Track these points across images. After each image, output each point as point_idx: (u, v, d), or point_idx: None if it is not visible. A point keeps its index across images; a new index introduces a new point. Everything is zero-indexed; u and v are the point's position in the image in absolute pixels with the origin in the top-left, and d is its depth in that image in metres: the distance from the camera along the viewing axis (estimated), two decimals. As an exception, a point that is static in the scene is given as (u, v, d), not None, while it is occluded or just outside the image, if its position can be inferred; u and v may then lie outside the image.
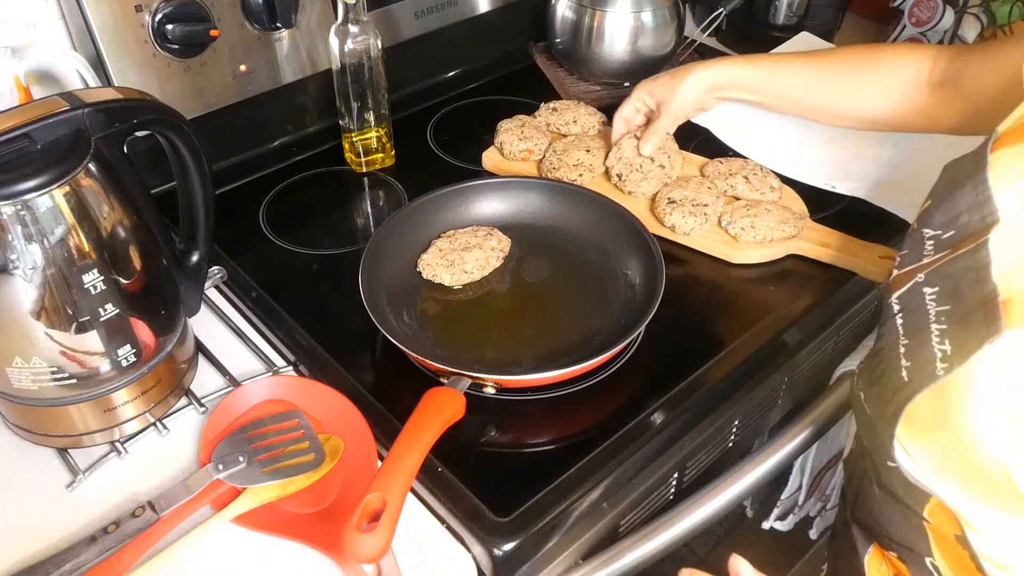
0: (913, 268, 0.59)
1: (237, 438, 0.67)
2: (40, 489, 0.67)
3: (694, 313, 0.83)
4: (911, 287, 0.58)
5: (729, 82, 0.88)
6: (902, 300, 0.59)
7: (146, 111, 0.63)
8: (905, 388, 0.55)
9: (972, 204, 0.56)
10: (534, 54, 1.25)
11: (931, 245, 0.58)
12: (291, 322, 0.79)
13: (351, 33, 0.91)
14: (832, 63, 0.85)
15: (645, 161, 0.93)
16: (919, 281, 0.57)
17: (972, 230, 0.55)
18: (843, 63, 0.84)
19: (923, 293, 0.56)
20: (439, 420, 0.63)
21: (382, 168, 1.02)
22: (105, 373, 0.65)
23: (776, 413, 0.86)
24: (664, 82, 0.91)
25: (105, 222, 0.61)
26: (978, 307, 0.50)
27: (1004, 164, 0.56)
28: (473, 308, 0.82)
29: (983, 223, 0.54)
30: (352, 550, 0.54)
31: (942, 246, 0.57)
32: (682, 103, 0.90)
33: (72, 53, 0.84)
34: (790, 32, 1.25)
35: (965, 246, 0.54)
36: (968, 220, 0.56)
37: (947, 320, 0.53)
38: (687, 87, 0.89)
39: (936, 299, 0.55)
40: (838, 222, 0.89)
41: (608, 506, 0.68)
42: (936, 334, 0.53)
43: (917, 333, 0.55)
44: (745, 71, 0.87)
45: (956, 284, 0.53)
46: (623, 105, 0.95)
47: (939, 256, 0.56)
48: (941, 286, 0.55)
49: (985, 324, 0.49)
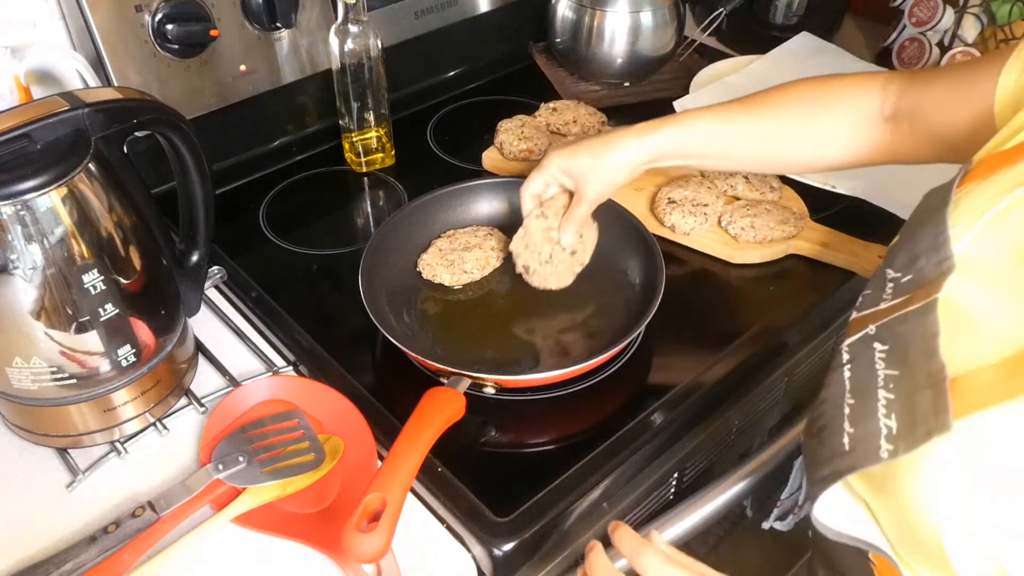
0: (870, 313, 0.55)
1: (237, 438, 0.67)
2: (40, 489, 0.67)
3: (694, 313, 0.83)
4: (862, 338, 0.54)
5: (663, 154, 0.75)
6: (852, 350, 0.55)
7: (146, 111, 0.63)
8: (844, 457, 0.51)
9: (930, 246, 0.51)
10: (534, 54, 1.25)
11: (891, 288, 0.54)
12: (291, 322, 0.79)
13: (351, 33, 0.91)
14: (776, 112, 0.74)
15: (555, 248, 0.79)
16: (870, 334, 0.53)
17: (928, 277, 0.51)
18: (787, 110, 0.74)
19: (873, 349, 0.52)
20: (439, 420, 0.63)
21: (382, 168, 1.02)
22: (105, 373, 0.65)
23: (776, 413, 0.86)
24: (585, 161, 0.75)
25: (105, 222, 0.61)
26: (926, 384, 0.47)
27: (969, 203, 0.52)
28: (473, 308, 0.82)
29: (938, 269, 0.50)
30: (352, 550, 0.54)
31: (900, 291, 0.53)
32: (605, 186, 0.76)
33: (72, 53, 0.84)
34: (790, 32, 1.25)
35: (918, 299, 0.50)
36: (925, 264, 0.51)
37: (895, 390, 0.49)
38: (612, 169, 0.75)
39: (885, 359, 0.51)
40: (838, 222, 0.89)
41: (608, 506, 0.68)
42: (883, 403, 0.50)
43: (863, 396, 0.51)
44: (680, 137, 0.74)
45: (905, 350, 0.50)
46: (532, 179, 0.78)
47: (895, 304, 0.53)
48: (891, 346, 0.51)
49: (933, 412, 0.45)
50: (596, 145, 0.75)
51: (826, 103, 0.74)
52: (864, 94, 0.72)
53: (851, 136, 0.73)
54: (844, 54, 1.20)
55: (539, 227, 0.79)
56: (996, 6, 1.12)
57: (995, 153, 0.53)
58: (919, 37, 1.18)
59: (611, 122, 1.08)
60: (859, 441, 0.50)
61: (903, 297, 0.52)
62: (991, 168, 0.52)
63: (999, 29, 1.13)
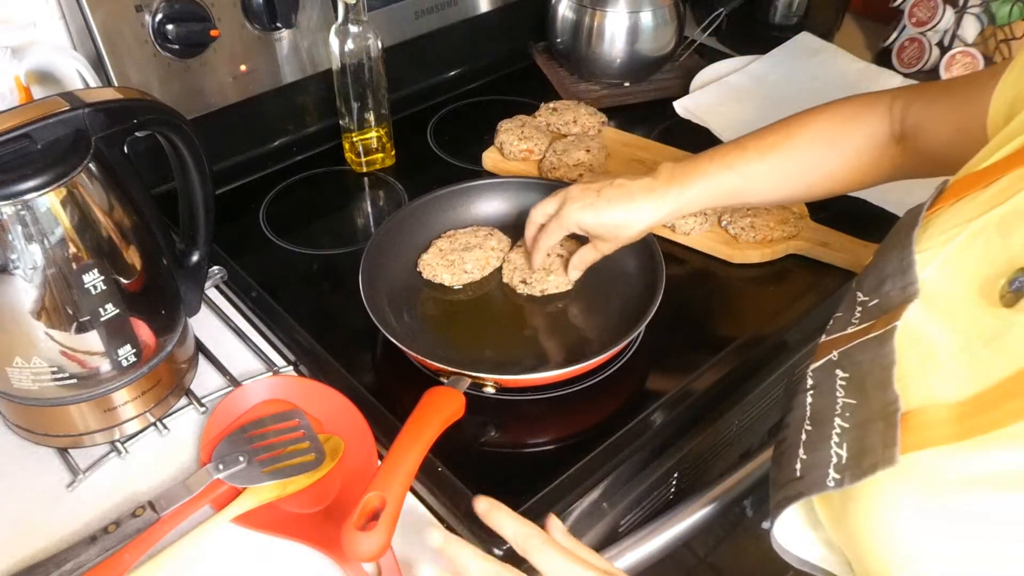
0: (836, 338, 0.54)
1: (237, 438, 0.67)
2: (40, 489, 0.67)
3: (694, 313, 0.83)
4: (826, 363, 0.53)
5: (686, 212, 0.75)
6: (816, 376, 0.54)
7: (146, 111, 0.63)
8: (794, 484, 0.50)
9: (896, 270, 0.50)
10: (534, 54, 1.25)
11: (859, 312, 0.53)
12: (291, 322, 0.79)
13: (351, 33, 0.91)
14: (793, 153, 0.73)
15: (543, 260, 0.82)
16: (833, 360, 0.52)
17: (893, 303, 0.49)
18: (804, 150, 0.73)
19: (835, 376, 0.51)
20: (439, 419, 0.63)
21: (382, 168, 1.02)
22: (105, 373, 0.65)
23: (776, 413, 0.86)
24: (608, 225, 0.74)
25: (105, 222, 0.61)
26: (879, 416, 0.46)
27: (936, 227, 0.50)
28: (473, 308, 0.82)
29: (903, 294, 0.49)
30: (351, 549, 0.54)
31: (867, 315, 0.52)
32: (627, 242, 0.77)
33: (72, 53, 0.84)
34: (790, 32, 1.25)
35: (879, 327, 0.49)
36: (891, 288, 0.50)
37: (850, 419, 0.49)
38: (634, 234, 0.75)
39: (845, 387, 0.50)
40: (838, 222, 0.89)
41: (608, 506, 0.68)
42: (837, 432, 0.49)
43: (821, 423, 0.51)
44: (702, 196, 0.73)
45: (863, 379, 0.49)
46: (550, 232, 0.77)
47: (859, 329, 0.52)
48: (851, 374, 0.50)
49: (882, 445, 0.45)
50: (619, 207, 0.73)
51: (840, 136, 0.73)
52: (875, 120, 0.72)
53: (868, 163, 0.73)
54: (844, 54, 1.20)
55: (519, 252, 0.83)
56: (996, 6, 1.12)
57: (969, 174, 0.52)
58: (919, 37, 1.18)
59: (611, 123, 1.08)
60: (809, 468, 0.50)
61: (868, 323, 0.51)
62: (963, 189, 0.51)
63: (999, 29, 1.13)
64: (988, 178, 0.50)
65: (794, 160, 0.74)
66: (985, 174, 0.50)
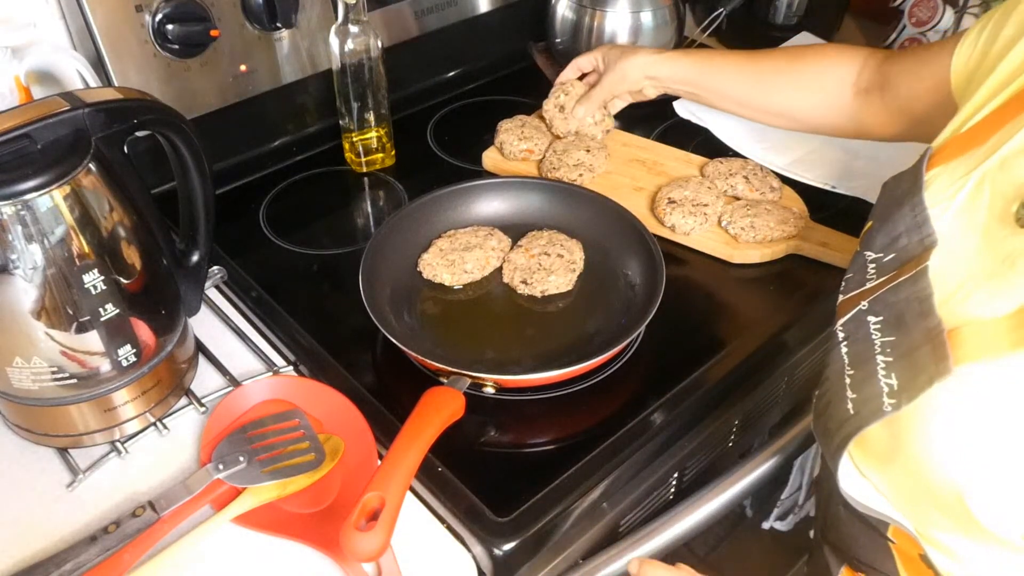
0: (857, 294, 0.57)
1: (237, 438, 0.67)
2: (40, 489, 0.67)
3: (694, 313, 0.83)
4: (855, 315, 0.56)
5: (669, 75, 0.92)
6: (847, 328, 0.57)
7: (146, 111, 0.63)
8: (851, 421, 0.54)
9: (911, 226, 0.54)
10: (534, 54, 1.25)
11: (873, 269, 0.57)
12: (291, 322, 0.79)
13: (351, 33, 0.91)
14: (765, 62, 0.88)
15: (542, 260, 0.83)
16: (863, 309, 0.56)
17: (912, 253, 0.53)
18: (774, 63, 0.87)
19: (867, 322, 0.55)
20: (438, 419, 0.63)
21: (382, 168, 1.02)
22: (105, 373, 0.65)
23: (776, 413, 0.86)
24: (616, 53, 0.96)
25: (105, 222, 0.61)
26: (924, 341, 0.49)
27: (941, 183, 0.54)
28: (473, 308, 0.82)
29: (922, 245, 0.53)
30: (350, 549, 0.54)
31: (884, 270, 0.56)
32: (619, 78, 0.95)
33: (72, 53, 0.84)
34: (790, 32, 1.25)
35: (906, 272, 0.53)
36: (907, 243, 0.54)
37: (893, 353, 0.51)
38: (629, 66, 0.94)
39: (881, 329, 0.53)
40: (838, 222, 0.89)
41: (608, 506, 0.68)
42: (882, 366, 0.52)
43: (862, 364, 0.54)
44: (683, 65, 0.91)
45: (900, 315, 0.52)
46: (582, 57, 1.01)
47: (881, 281, 0.55)
48: (885, 316, 0.53)
49: (934, 361, 0.47)
50: (628, 48, 0.97)
51: (809, 63, 0.84)
52: (844, 63, 0.81)
53: (825, 98, 0.82)
54: (844, 54, 1.20)
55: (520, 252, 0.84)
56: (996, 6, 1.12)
57: (957, 136, 0.56)
58: (919, 37, 1.18)
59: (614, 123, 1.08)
60: (862, 403, 0.53)
61: (889, 274, 0.54)
62: (957, 150, 0.55)
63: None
64: (975, 139, 0.54)
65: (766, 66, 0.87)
66: (971, 136, 0.54)
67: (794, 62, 0.85)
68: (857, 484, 0.59)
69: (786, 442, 0.78)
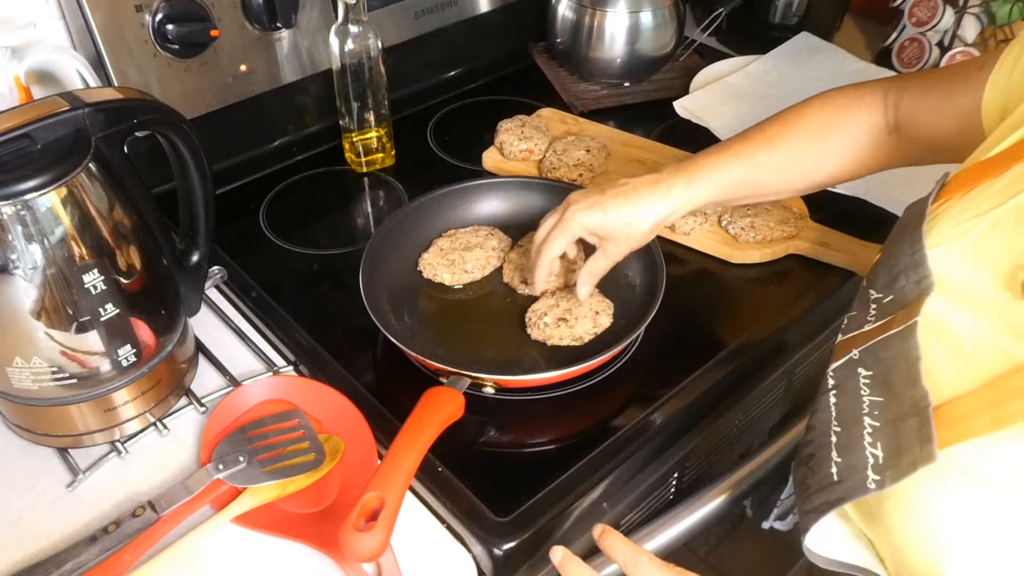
0: (855, 335, 0.54)
1: (237, 438, 0.67)
2: (40, 489, 0.67)
3: (694, 313, 0.83)
4: (847, 363, 0.53)
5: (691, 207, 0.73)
6: (837, 376, 0.54)
7: (146, 111, 0.63)
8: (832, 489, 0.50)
9: (908, 265, 0.50)
10: (534, 54, 1.25)
11: (874, 310, 0.53)
12: (291, 322, 0.79)
13: (351, 33, 0.91)
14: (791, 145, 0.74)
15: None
16: (854, 359, 0.53)
17: (908, 298, 0.50)
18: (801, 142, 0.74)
19: (857, 374, 0.52)
20: (438, 419, 0.63)
21: (382, 168, 1.02)
22: (105, 373, 0.65)
23: (776, 413, 0.86)
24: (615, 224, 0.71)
25: (105, 222, 0.61)
26: (911, 412, 0.46)
27: (950, 217, 0.50)
28: (473, 308, 0.82)
29: (917, 289, 0.49)
30: (350, 549, 0.54)
31: (882, 312, 0.52)
32: (633, 247, 0.74)
33: (72, 53, 0.84)
34: (790, 32, 1.25)
35: (898, 323, 0.49)
36: (904, 283, 0.50)
37: (880, 417, 0.49)
38: (643, 233, 0.72)
39: (869, 385, 0.50)
40: (838, 222, 0.89)
41: (608, 506, 0.68)
42: (868, 431, 0.49)
43: (850, 424, 0.51)
44: (706, 191, 0.72)
45: (888, 374, 0.49)
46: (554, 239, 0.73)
47: (877, 327, 0.52)
48: (874, 372, 0.50)
49: (919, 443, 0.44)
50: (625, 205, 0.71)
51: (833, 127, 0.73)
52: (868, 111, 0.72)
53: (862, 152, 0.73)
54: (844, 54, 1.20)
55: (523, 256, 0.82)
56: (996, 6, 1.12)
57: (975, 163, 0.52)
58: (919, 37, 1.18)
59: (611, 123, 1.08)
60: (846, 472, 0.49)
61: (885, 319, 0.51)
62: (970, 180, 0.51)
63: (999, 29, 1.13)
64: (995, 168, 0.50)
65: (795, 149, 0.73)
66: (991, 164, 0.51)
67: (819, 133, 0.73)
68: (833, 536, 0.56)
69: (786, 442, 0.78)
